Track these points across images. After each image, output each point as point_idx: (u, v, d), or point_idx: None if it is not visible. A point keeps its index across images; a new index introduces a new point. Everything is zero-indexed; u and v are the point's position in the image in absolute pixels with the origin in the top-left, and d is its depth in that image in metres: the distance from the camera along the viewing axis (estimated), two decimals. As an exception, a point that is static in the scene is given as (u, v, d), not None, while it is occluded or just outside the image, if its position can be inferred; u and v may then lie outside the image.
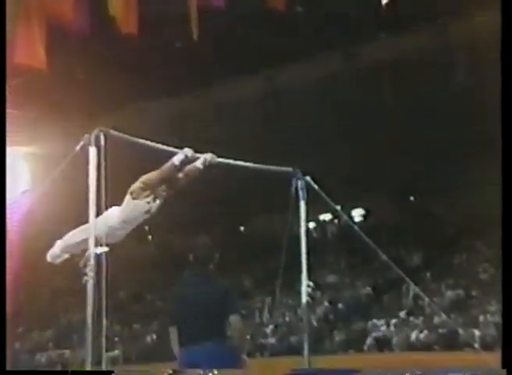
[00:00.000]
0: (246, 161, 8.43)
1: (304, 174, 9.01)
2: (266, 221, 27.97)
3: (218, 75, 25.58)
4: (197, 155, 7.56)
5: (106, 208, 6.93)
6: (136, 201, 7.16)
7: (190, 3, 14.36)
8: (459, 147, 24.52)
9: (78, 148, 6.99)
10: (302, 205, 8.97)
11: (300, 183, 8.89)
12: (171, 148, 7.67)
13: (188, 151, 7.39)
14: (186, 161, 7.39)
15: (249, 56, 24.29)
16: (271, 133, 26.30)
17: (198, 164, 7.53)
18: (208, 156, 7.61)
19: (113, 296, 27.82)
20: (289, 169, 9.08)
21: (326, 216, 28.67)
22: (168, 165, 7.30)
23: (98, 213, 6.86)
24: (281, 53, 24.11)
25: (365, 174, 25.53)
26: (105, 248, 6.88)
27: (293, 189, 8.90)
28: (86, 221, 6.87)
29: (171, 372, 5.72)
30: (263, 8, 17.75)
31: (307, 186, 8.95)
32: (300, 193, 8.93)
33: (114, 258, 6.73)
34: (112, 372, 5.95)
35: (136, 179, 7.30)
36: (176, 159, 7.30)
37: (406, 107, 25.00)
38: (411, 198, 29.14)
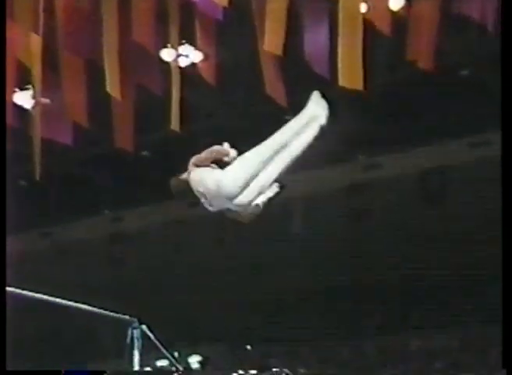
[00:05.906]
0: (89, 304, 8.36)
1: (141, 323, 8.94)
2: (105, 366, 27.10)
3: (62, 215, 25.30)
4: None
5: None
6: None
7: (35, 142, 14.35)
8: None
9: None
10: (136, 354, 8.85)
11: (135, 332, 8.80)
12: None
13: None
14: None
15: (95, 197, 24.26)
16: (114, 277, 25.95)
17: None
18: None
19: None
20: (127, 316, 8.99)
21: (163, 362, 28.11)
22: None
23: None
24: (129, 196, 24.16)
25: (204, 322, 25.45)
26: None
27: (128, 338, 8.79)
28: None
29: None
30: (111, 149, 17.86)
31: (143, 335, 8.87)
32: (136, 342, 8.83)
33: None
34: (104, 372, 6.09)
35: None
36: None
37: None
38: (248, 347, 29.11)
